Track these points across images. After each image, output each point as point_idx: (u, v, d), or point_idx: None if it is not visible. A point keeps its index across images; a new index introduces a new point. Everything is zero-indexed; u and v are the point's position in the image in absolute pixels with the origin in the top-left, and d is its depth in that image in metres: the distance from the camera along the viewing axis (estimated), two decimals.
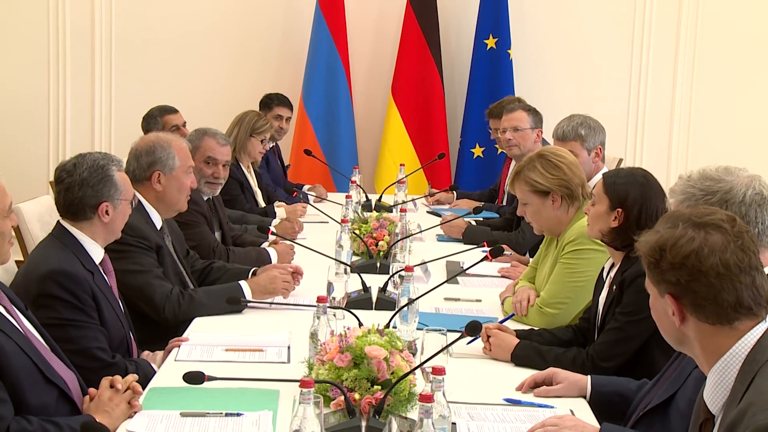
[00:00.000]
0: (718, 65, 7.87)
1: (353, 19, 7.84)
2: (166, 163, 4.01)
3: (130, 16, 7.84)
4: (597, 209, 3.37)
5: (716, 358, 2.05)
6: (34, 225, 4.74)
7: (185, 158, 4.08)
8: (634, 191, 3.29)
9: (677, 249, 2.04)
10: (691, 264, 2.02)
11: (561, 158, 3.87)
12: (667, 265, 2.05)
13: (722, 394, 2.05)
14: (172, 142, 4.08)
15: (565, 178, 3.83)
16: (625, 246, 3.27)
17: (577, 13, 7.90)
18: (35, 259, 3.36)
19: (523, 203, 3.93)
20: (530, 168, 3.87)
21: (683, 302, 2.05)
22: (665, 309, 2.10)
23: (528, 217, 3.96)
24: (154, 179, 3.98)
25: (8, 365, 2.62)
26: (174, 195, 4.03)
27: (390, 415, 2.60)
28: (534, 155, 3.94)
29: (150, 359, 3.43)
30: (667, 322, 2.12)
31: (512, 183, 3.97)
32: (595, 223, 3.38)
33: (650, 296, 2.16)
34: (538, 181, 3.84)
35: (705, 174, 2.74)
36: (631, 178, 3.35)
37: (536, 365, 3.23)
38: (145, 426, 2.66)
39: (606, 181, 3.37)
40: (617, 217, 3.29)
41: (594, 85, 7.86)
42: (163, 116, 6.15)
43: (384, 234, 4.78)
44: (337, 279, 3.68)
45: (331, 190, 7.16)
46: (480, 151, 7.81)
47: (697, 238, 2.03)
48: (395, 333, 2.96)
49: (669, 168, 7.87)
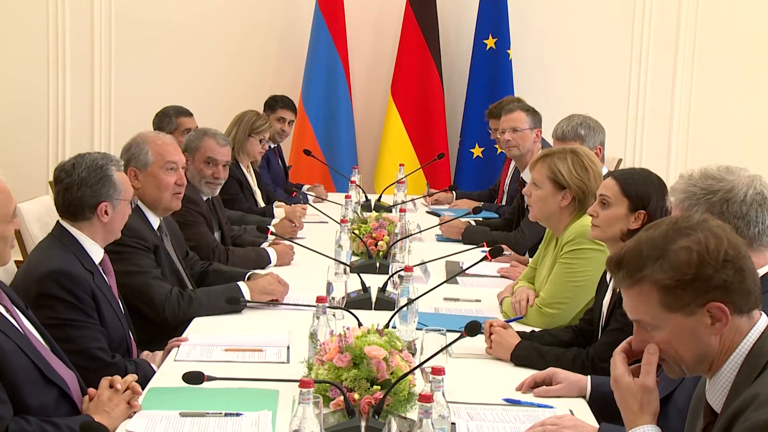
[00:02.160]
0: (718, 65, 7.87)
1: (353, 19, 7.84)
2: (139, 158, 3.98)
3: (129, 15, 7.84)
4: (615, 211, 3.36)
5: (726, 357, 2.03)
6: (34, 225, 4.73)
7: (163, 154, 4.01)
8: (656, 193, 3.32)
9: (714, 250, 1.98)
10: (731, 257, 1.98)
11: (592, 164, 3.88)
12: (710, 271, 1.97)
13: (726, 391, 2.03)
14: (150, 138, 4.05)
15: (587, 183, 3.82)
16: None
17: (576, 13, 7.90)
18: (35, 259, 3.36)
19: (534, 185, 3.92)
20: (560, 158, 3.86)
21: (730, 300, 1.99)
22: (694, 328, 2.01)
23: (531, 201, 3.95)
24: (131, 176, 3.94)
25: (8, 365, 2.62)
26: (153, 192, 3.99)
27: (389, 415, 2.59)
28: (569, 149, 3.94)
29: (149, 359, 3.43)
30: (695, 341, 2.02)
31: (535, 162, 3.95)
32: (611, 226, 3.37)
33: (662, 328, 2.05)
34: (562, 173, 3.84)
35: (706, 173, 2.74)
36: (648, 180, 3.38)
37: (536, 365, 3.23)
38: (145, 426, 2.66)
39: (622, 184, 3.36)
40: (638, 218, 3.31)
41: (593, 85, 7.86)
42: (179, 117, 6.11)
43: (383, 234, 4.78)
44: (336, 279, 3.68)
45: (330, 190, 7.17)
46: (479, 151, 7.81)
47: (712, 234, 2.00)
48: (395, 333, 2.96)
49: (668, 168, 7.87)
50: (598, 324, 3.45)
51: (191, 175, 4.73)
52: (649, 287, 2.03)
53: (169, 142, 4.09)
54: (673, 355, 2.07)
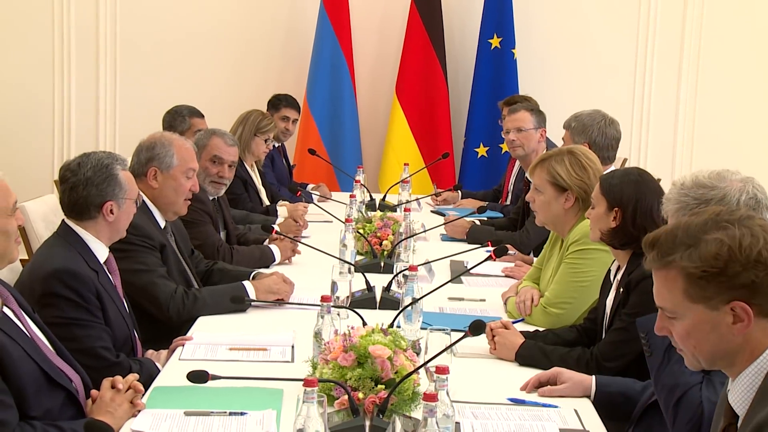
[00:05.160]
0: (723, 65, 7.86)
1: (357, 18, 7.84)
2: (163, 160, 3.98)
3: (134, 15, 7.85)
4: (597, 212, 3.39)
5: (753, 358, 1.98)
6: (39, 224, 4.74)
7: (186, 159, 4.04)
8: (629, 189, 3.31)
9: (746, 248, 1.94)
10: (765, 259, 1.93)
11: (590, 162, 3.87)
12: (738, 268, 1.93)
13: (750, 396, 1.98)
14: (175, 141, 4.06)
15: (588, 182, 3.81)
16: (623, 245, 3.30)
17: (581, 12, 7.89)
18: (40, 258, 3.36)
19: (536, 191, 3.92)
20: (558, 161, 3.86)
21: (756, 302, 1.95)
22: (715, 323, 1.98)
23: (535, 206, 3.95)
24: (150, 175, 3.96)
25: (15, 371, 2.60)
26: (169, 195, 4.00)
27: (394, 414, 2.59)
28: (565, 150, 3.93)
29: (154, 358, 3.43)
30: (716, 337, 1.99)
31: (533, 168, 3.95)
32: (596, 225, 3.39)
33: (683, 318, 2.02)
34: (561, 176, 3.84)
35: (698, 181, 2.73)
36: (626, 177, 3.37)
37: (541, 365, 3.23)
38: (150, 425, 2.67)
39: (602, 183, 3.39)
40: (615, 216, 3.31)
41: (598, 85, 7.85)
42: (192, 118, 6.06)
43: (388, 233, 4.78)
44: (341, 278, 3.68)
45: (335, 190, 7.16)
46: (484, 151, 7.81)
47: (750, 232, 1.96)
48: (399, 332, 2.96)
49: (673, 168, 7.87)
50: (602, 323, 3.45)
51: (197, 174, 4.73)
52: (675, 273, 2.00)
53: (192, 149, 4.12)
54: (692, 349, 2.04)
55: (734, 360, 2.01)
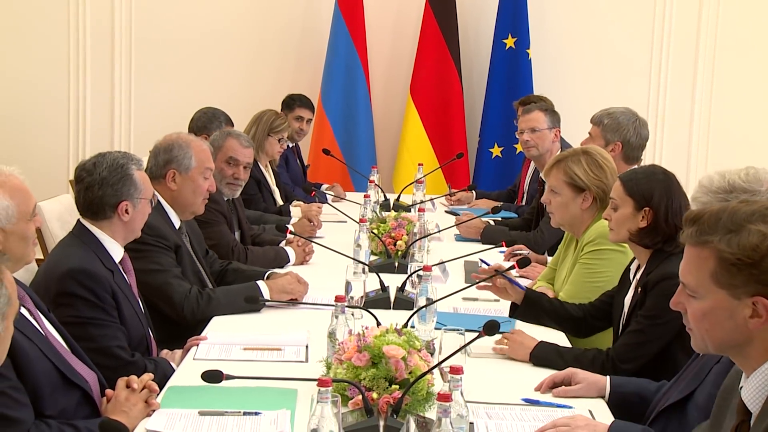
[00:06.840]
0: (738, 64, 7.82)
1: (372, 18, 7.84)
2: (182, 162, 4.00)
3: (149, 15, 7.86)
4: (622, 213, 3.35)
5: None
6: (54, 224, 4.76)
7: (204, 160, 4.05)
8: (659, 188, 3.29)
9: None
10: None
11: (606, 161, 3.86)
12: None
13: (765, 394, 1.98)
14: (192, 142, 4.07)
15: (606, 182, 3.80)
16: (656, 243, 3.27)
17: (596, 12, 7.87)
18: (55, 258, 3.38)
19: (552, 192, 3.91)
20: (574, 161, 3.85)
21: None
22: (733, 311, 1.98)
23: (552, 208, 3.94)
24: (168, 177, 3.98)
25: (31, 370, 2.61)
26: (188, 196, 4.02)
27: (408, 414, 2.59)
28: (580, 150, 3.92)
29: (169, 358, 3.44)
30: (731, 325, 1.99)
31: (549, 169, 3.93)
32: (622, 227, 3.36)
33: (703, 299, 2.02)
34: (579, 176, 3.83)
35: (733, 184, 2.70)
36: (652, 176, 3.35)
37: (555, 365, 3.22)
38: (164, 424, 2.67)
39: (626, 184, 3.36)
40: (645, 216, 3.29)
41: (613, 85, 7.82)
42: (228, 125, 5.97)
43: (402, 233, 4.78)
44: (355, 278, 3.68)
45: (349, 190, 7.17)
46: (498, 151, 7.79)
47: None
48: (413, 332, 2.95)
49: (689, 167, 7.83)
50: (618, 323, 3.44)
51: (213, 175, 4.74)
52: (709, 253, 2.00)
53: (208, 149, 4.14)
54: (703, 332, 2.04)
55: (745, 352, 2.01)
